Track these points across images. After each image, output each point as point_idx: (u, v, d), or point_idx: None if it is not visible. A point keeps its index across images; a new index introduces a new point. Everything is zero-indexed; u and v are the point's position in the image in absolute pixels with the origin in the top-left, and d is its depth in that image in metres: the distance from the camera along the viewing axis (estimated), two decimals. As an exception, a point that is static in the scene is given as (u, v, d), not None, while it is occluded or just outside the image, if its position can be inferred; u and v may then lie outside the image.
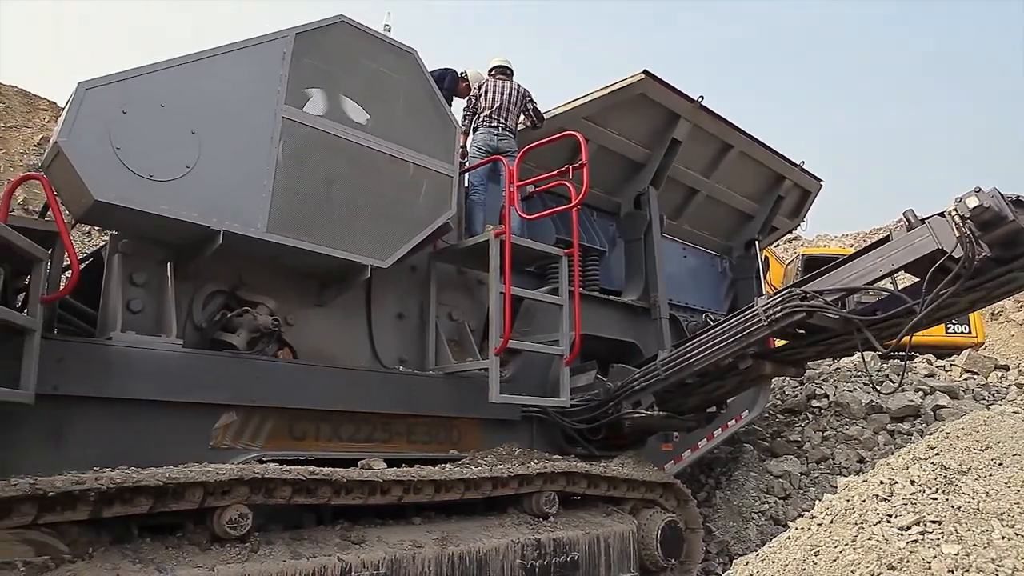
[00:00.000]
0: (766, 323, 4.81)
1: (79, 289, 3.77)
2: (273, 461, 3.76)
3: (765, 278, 8.95)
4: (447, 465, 4.36)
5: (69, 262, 3.63)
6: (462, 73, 6.99)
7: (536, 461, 4.72)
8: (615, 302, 6.85)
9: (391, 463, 4.13)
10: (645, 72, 6.54)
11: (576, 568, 4.51)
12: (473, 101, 6.27)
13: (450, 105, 5.50)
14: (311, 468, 3.60)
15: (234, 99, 4.07)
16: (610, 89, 6.55)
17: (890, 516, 3.12)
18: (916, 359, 9.55)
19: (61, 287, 3.71)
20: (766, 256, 9.91)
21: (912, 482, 3.39)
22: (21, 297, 3.73)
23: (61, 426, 3.54)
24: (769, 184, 8.55)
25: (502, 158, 5.54)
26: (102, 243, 8.89)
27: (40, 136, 11.97)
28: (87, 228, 9.68)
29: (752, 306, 4.97)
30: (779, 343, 5.40)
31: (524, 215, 5.40)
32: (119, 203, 3.58)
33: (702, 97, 7.02)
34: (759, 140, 7.93)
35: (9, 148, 11.39)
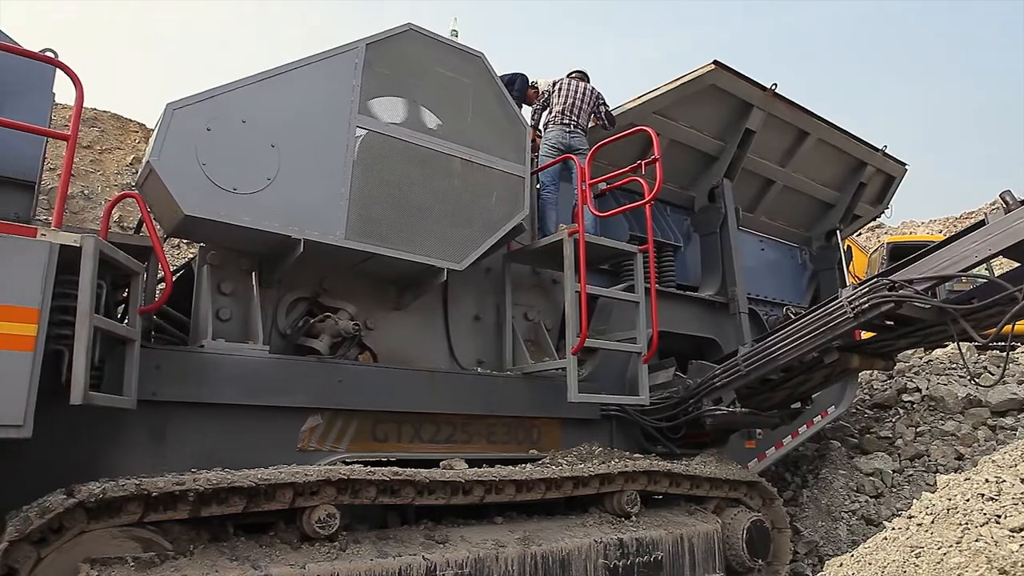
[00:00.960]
0: (851, 315, 4.63)
1: (172, 299, 3.96)
2: (357, 462, 3.85)
3: (848, 269, 8.61)
4: (527, 465, 4.37)
5: (163, 274, 3.81)
6: (533, 82, 6.99)
7: (617, 460, 4.68)
8: (692, 298, 6.73)
9: (472, 463, 4.17)
10: (715, 62, 6.40)
11: (660, 568, 4.45)
12: (545, 97, 6.26)
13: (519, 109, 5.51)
14: (395, 469, 3.68)
15: (310, 111, 4.19)
16: (680, 82, 6.44)
17: (999, 517, 2.94)
18: (1018, 349, 9.01)
19: (156, 298, 3.89)
20: (848, 246, 9.53)
21: (1022, 480, 3.20)
22: (120, 309, 3.94)
23: (160, 429, 3.73)
24: (850, 171, 8.23)
25: (573, 156, 5.52)
26: (190, 255, 9.32)
27: (132, 157, 12.62)
28: (175, 241, 10.15)
29: (836, 298, 4.80)
30: (866, 335, 5.18)
31: (597, 213, 5.36)
32: (206, 216, 3.75)
33: (775, 85, 6.82)
34: (837, 126, 7.64)
35: (105, 169, 12.06)
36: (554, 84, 6.24)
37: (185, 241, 8.82)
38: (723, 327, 6.77)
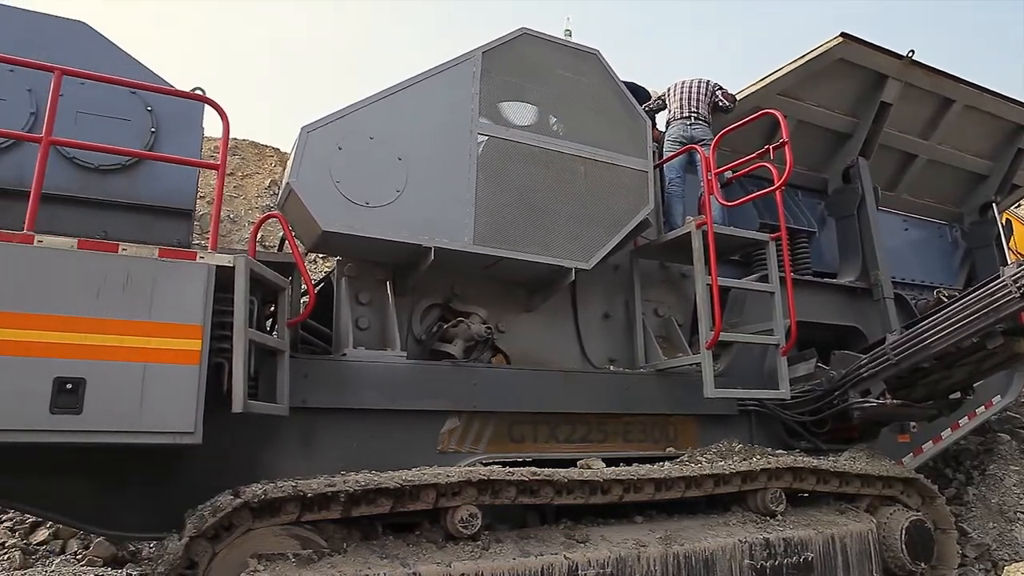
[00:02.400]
0: (1017, 295, 4.24)
1: (314, 311, 4.18)
2: (496, 463, 3.92)
3: (1008, 245, 7.89)
4: (665, 463, 4.29)
5: (306, 288, 4.04)
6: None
7: (759, 456, 4.51)
8: (831, 285, 6.39)
9: (608, 462, 4.15)
10: (843, 34, 6.06)
11: (810, 570, 4.24)
12: (660, 102, 6.16)
13: None
14: (533, 469, 3.72)
15: (432, 122, 4.32)
16: (805, 59, 6.14)
17: None
18: None
19: (300, 311, 4.12)
20: (1007, 219, 8.72)
21: None
22: (268, 323, 4.22)
23: (310, 434, 3.95)
24: (1005, 137, 7.53)
25: (697, 147, 5.38)
26: (326, 269, 9.82)
27: (270, 180, 13.49)
28: (312, 256, 10.73)
29: (998, 276, 4.41)
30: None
31: (725, 202, 5.19)
32: (342, 231, 3.95)
33: (912, 52, 6.36)
34: (987, 88, 7.02)
35: (247, 193, 12.97)
36: (667, 89, 6.15)
37: (321, 256, 9.33)
38: (866, 314, 6.38)
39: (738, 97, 6.10)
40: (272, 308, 4.11)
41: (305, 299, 4.19)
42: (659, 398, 4.91)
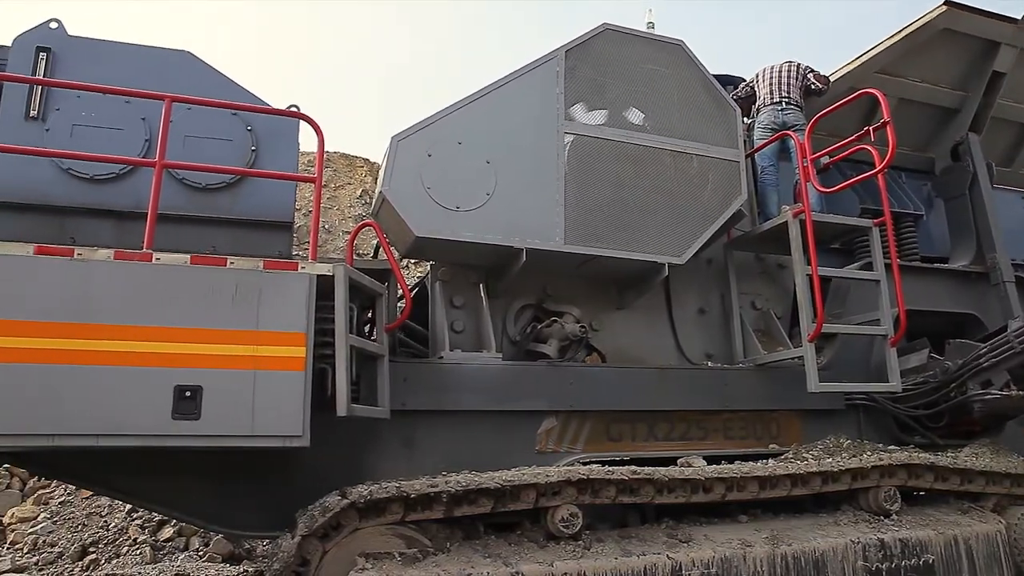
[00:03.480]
0: None
1: (410, 314, 4.28)
2: (594, 462, 3.91)
3: None
4: (769, 460, 4.16)
5: (401, 293, 4.14)
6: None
7: (869, 453, 4.31)
8: (942, 270, 6.03)
9: (709, 460, 4.06)
10: (947, 3, 5.71)
11: (931, 572, 4.01)
12: (748, 89, 5.96)
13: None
14: (633, 468, 3.68)
15: (518, 124, 4.35)
16: (904, 33, 5.82)
17: None
18: None
19: (397, 316, 4.23)
20: None
21: None
22: (367, 328, 4.34)
23: (410, 436, 4.06)
24: None
25: (790, 133, 5.19)
26: (418, 275, 10.02)
27: (360, 190, 13.91)
28: (404, 262, 10.98)
29: None
30: None
31: (822, 189, 4.99)
32: (435, 236, 4.04)
33: (1027, 14, 5.93)
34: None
35: (340, 204, 13.42)
36: (755, 75, 5.95)
37: (413, 261, 9.53)
38: (984, 300, 5.99)
39: (831, 78, 5.85)
40: (370, 314, 4.24)
41: (401, 304, 4.29)
42: (760, 394, 4.78)
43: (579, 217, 4.31)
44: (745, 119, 5.81)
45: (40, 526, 6.41)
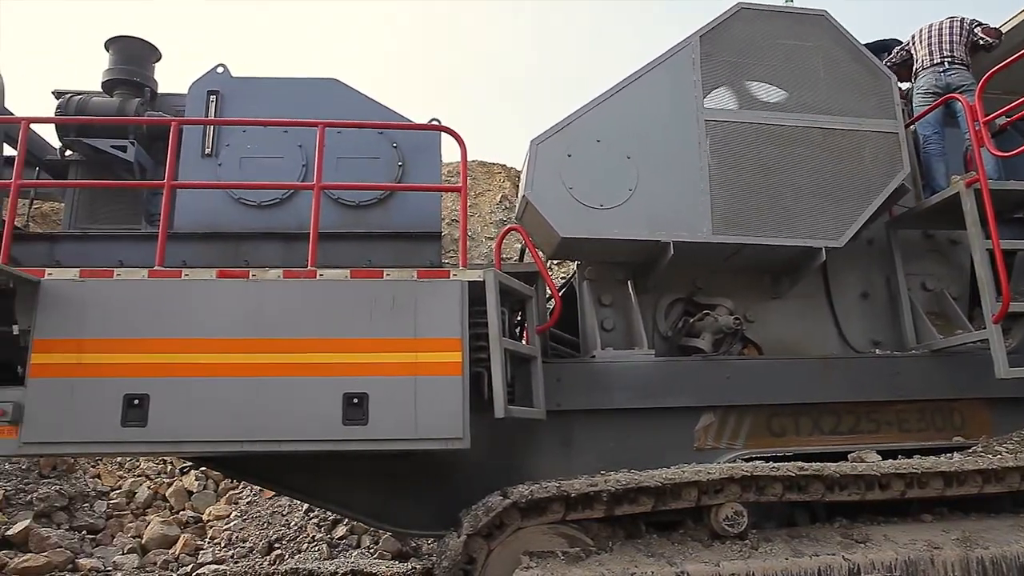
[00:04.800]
0: None
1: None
2: (757, 459, 3.77)
3: None
4: (954, 454, 3.84)
5: (549, 295, 4.19)
6: None
7: (1075, 444, 3.87)
8: None
9: (884, 455, 3.81)
10: None
11: None
12: (904, 53, 5.49)
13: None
14: (800, 464, 3.53)
15: (656, 117, 4.29)
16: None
17: None
18: None
19: (547, 317, 4.28)
20: None
21: None
22: (517, 330, 4.42)
23: (567, 436, 4.10)
24: None
25: (957, 95, 4.75)
26: (561, 276, 10.08)
27: (499, 196, 14.21)
28: (547, 262, 11.07)
29: None
30: None
31: (999, 153, 4.53)
32: (580, 236, 4.06)
33: None
34: None
35: (480, 210, 13.79)
36: (910, 37, 5.47)
37: (556, 262, 9.61)
38: None
39: (1003, 29, 5.29)
40: (519, 316, 4.32)
41: (550, 305, 4.34)
42: (938, 382, 4.42)
43: (726, 206, 4.18)
44: (903, 86, 5.38)
45: (232, 523, 7.03)
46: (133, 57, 4.73)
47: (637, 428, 4.09)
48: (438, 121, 4.32)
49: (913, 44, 5.41)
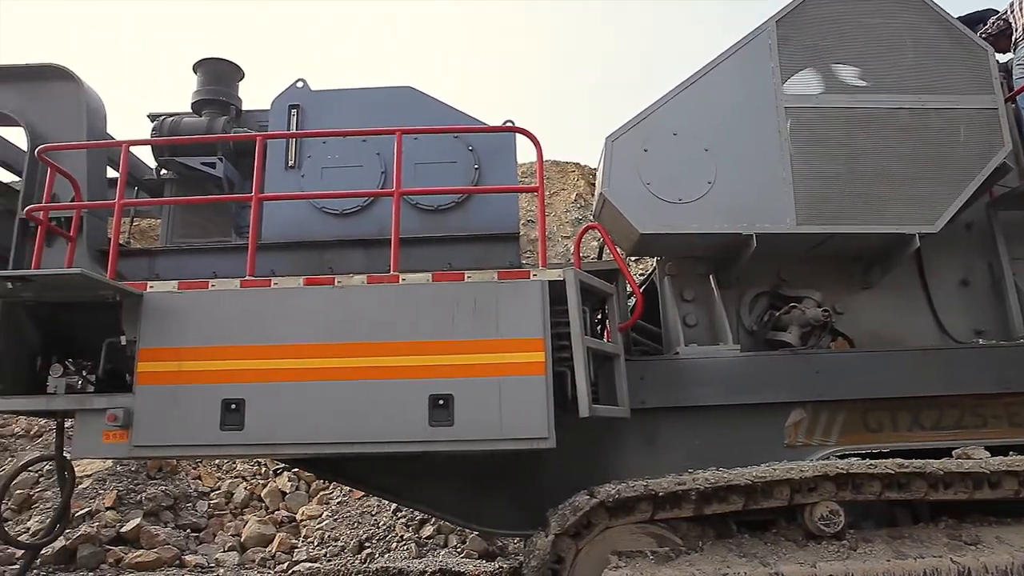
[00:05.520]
0: None
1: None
2: (852, 456, 3.64)
3: None
4: (1077, 451, 3.60)
5: (630, 292, 4.15)
6: None
7: None
8: None
9: (994, 451, 3.61)
10: None
11: None
12: (1001, 23, 5.17)
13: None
14: (899, 461, 3.39)
15: (733, 106, 4.18)
16: None
17: None
18: None
19: (628, 314, 4.24)
20: None
21: None
22: (598, 328, 4.39)
23: (652, 434, 4.07)
24: None
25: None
26: (639, 272, 9.97)
27: (574, 194, 14.17)
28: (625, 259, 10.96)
29: None
30: None
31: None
32: (659, 231, 4.00)
33: None
34: None
35: (555, 210, 13.78)
36: (1012, 2, 5.14)
37: (633, 258, 9.51)
38: None
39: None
40: (600, 315, 4.29)
41: (630, 302, 4.30)
42: (1051, 372, 4.14)
43: (810, 194, 4.04)
44: (1002, 58, 5.07)
45: (324, 523, 7.25)
46: (219, 77, 4.95)
47: (724, 425, 4.01)
48: (512, 122, 4.35)
49: (1012, 13, 5.10)
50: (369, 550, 6.78)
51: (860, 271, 4.49)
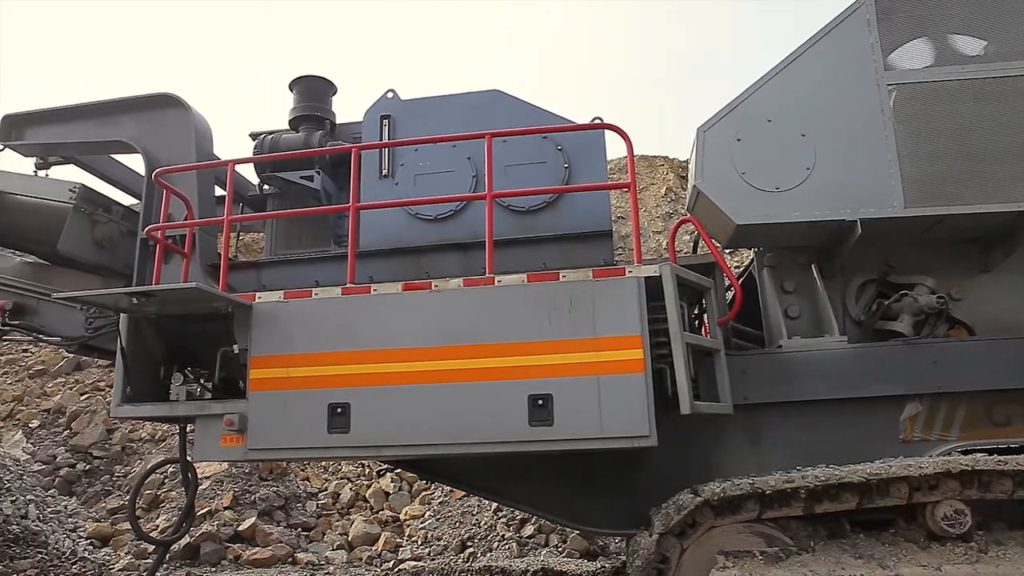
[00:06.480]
0: None
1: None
2: (976, 451, 3.42)
3: None
4: None
5: (728, 285, 4.04)
6: None
7: None
8: None
9: None
10: None
11: None
12: None
13: None
14: (1033, 456, 3.15)
15: (831, 87, 4.02)
16: None
17: None
18: None
19: (727, 308, 4.13)
20: None
21: None
22: (696, 324, 4.30)
23: (756, 430, 3.95)
24: None
25: None
26: (734, 264, 9.71)
27: (664, 188, 13.96)
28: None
29: None
30: None
31: None
32: (756, 222, 3.89)
33: None
34: None
35: (646, 204, 13.63)
36: None
37: (728, 250, 9.29)
38: None
39: None
40: (697, 310, 4.21)
41: (729, 295, 4.20)
42: None
43: (919, 175, 3.84)
44: None
45: (427, 523, 7.42)
46: (314, 93, 5.14)
47: (833, 420, 3.86)
48: (601, 119, 4.31)
49: None
50: (471, 549, 6.88)
51: (978, 254, 4.23)
